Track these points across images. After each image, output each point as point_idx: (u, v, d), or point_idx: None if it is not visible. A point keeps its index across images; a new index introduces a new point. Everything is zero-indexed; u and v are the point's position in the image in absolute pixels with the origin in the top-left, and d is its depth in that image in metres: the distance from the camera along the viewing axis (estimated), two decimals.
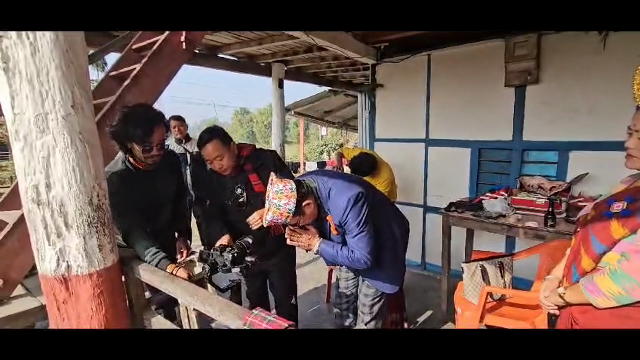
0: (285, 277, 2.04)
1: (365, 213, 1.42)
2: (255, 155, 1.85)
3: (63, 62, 1.16)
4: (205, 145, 1.71)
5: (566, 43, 2.51)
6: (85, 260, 1.27)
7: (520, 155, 2.83)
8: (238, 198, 1.79)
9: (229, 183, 1.81)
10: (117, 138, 1.59)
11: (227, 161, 1.73)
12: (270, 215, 1.35)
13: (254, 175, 1.80)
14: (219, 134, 1.74)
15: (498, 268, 2.08)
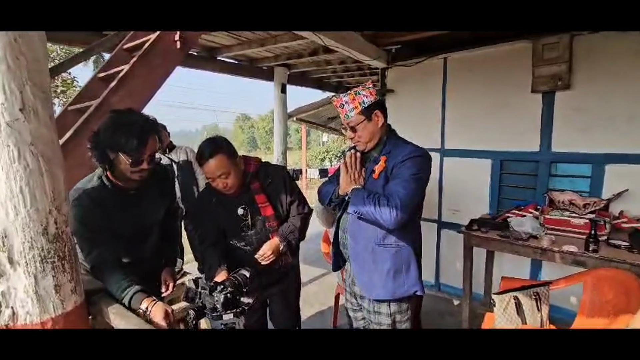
0: (289, 307, 1.78)
1: (422, 173, 1.35)
2: (263, 172, 1.59)
3: (9, 54, 0.91)
4: (208, 161, 1.42)
5: (603, 44, 2.26)
6: (36, 305, 1.00)
7: (548, 168, 2.56)
8: (240, 221, 1.53)
9: (230, 202, 1.54)
10: (99, 147, 1.28)
11: (232, 179, 1.46)
12: (346, 97, 1.37)
13: (261, 195, 1.54)
14: (223, 147, 1.45)
15: (534, 300, 1.80)
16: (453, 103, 2.97)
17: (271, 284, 1.64)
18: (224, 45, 3.57)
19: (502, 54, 2.64)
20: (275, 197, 1.56)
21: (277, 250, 1.51)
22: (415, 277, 1.44)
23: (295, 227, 1.56)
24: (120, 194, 1.35)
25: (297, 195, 1.63)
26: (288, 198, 1.59)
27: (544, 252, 2.01)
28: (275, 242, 1.51)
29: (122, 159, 1.26)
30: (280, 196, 1.57)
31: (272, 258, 1.49)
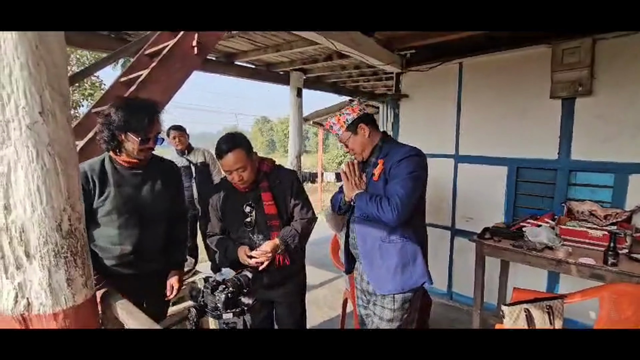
0: (294, 312, 1.79)
1: (418, 171, 1.40)
2: (275, 173, 1.67)
3: (30, 60, 0.96)
4: (227, 155, 1.51)
5: (628, 48, 2.18)
6: (49, 297, 1.05)
7: (566, 177, 2.47)
8: (245, 217, 1.60)
9: (238, 199, 1.62)
10: (109, 128, 1.40)
11: (248, 174, 1.55)
12: (333, 119, 1.53)
13: (267, 194, 1.61)
14: (242, 143, 1.55)
15: (546, 313, 1.74)
16: (468, 109, 2.92)
17: (274, 286, 1.67)
18: (241, 51, 3.65)
19: (519, 59, 2.58)
20: (280, 198, 1.62)
21: (276, 250, 1.54)
22: (423, 269, 1.51)
23: (296, 232, 1.59)
24: (123, 170, 1.47)
25: (303, 200, 1.67)
26: (293, 201, 1.64)
27: (559, 264, 1.94)
28: (275, 242, 1.55)
29: (130, 138, 1.39)
30: (285, 198, 1.64)
31: (270, 257, 1.53)
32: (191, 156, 3.19)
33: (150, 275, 1.57)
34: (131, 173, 1.50)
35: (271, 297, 1.73)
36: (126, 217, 1.46)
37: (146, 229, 1.52)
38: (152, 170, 1.54)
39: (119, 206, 1.45)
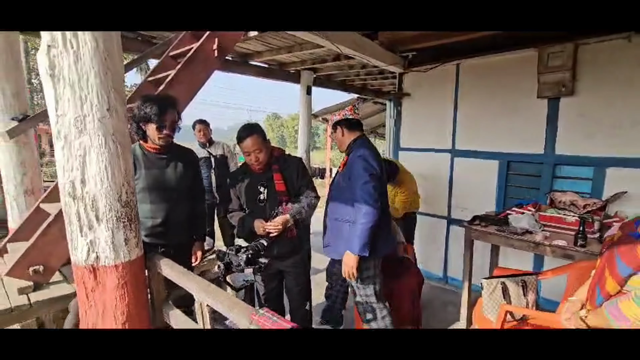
0: (300, 281, 2.08)
1: (364, 165, 1.81)
2: (284, 158, 1.99)
3: (101, 69, 1.27)
4: (246, 139, 1.85)
5: (606, 53, 2.38)
6: (112, 252, 1.36)
7: (551, 170, 2.69)
8: (258, 194, 1.92)
9: (254, 180, 1.94)
10: (135, 121, 1.76)
11: (263, 155, 1.87)
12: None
13: (278, 174, 1.92)
14: (258, 130, 1.90)
15: (521, 287, 1.99)
16: (464, 106, 3.15)
17: (282, 257, 1.96)
18: (256, 52, 3.93)
19: (510, 61, 2.80)
20: (289, 178, 1.93)
21: (286, 223, 1.82)
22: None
23: (301, 207, 1.87)
24: (150, 155, 1.81)
25: (307, 182, 1.98)
26: (299, 182, 1.95)
27: (537, 246, 2.17)
28: (286, 217, 1.83)
29: (151, 127, 1.75)
30: (292, 178, 1.94)
31: (281, 228, 1.80)
32: (212, 148, 3.51)
33: (176, 246, 1.88)
34: (157, 157, 1.83)
35: (280, 267, 2.03)
36: (155, 194, 1.78)
37: (172, 204, 1.84)
38: (174, 155, 1.88)
39: (149, 185, 1.80)
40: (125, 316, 1.43)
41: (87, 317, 1.43)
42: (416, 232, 3.20)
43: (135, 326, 1.45)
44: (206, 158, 3.46)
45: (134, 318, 1.44)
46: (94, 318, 1.43)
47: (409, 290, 2.32)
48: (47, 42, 1.21)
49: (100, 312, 1.41)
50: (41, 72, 1.26)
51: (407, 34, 2.98)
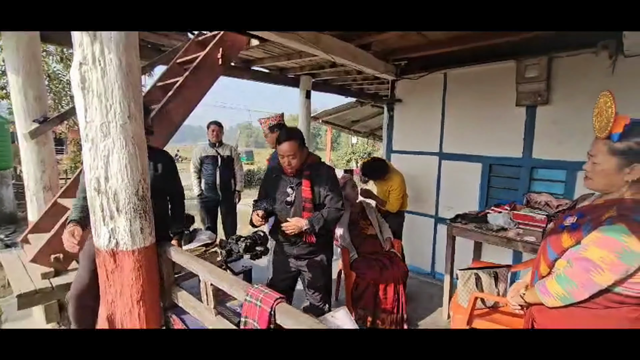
0: (316, 283, 2.13)
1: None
2: (317, 166, 2.04)
3: (124, 83, 1.49)
4: (284, 143, 1.91)
5: (577, 66, 2.60)
6: (130, 239, 1.59)
7: (529, 173, 2.91)
8: (286, 196, 2.01)
9: (283, 182, 2.04)
10: None
11: (296, 161, 1.93)
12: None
13: (307, 181, 1.98)
14: (297, 137, 1.95)
15: (492, 278, 2.20)
16: (451, 112, 3.37)
17: (301, 258, 2.08)
18: (258, 58, 4.17)
19: (492, 71, 3.01)
20: (316, 186, 2.00)
21: (300, 226, 1.88)
22: None
23: (322, 216, 1.92)
24: None
25: (334, 193, 2.00)
26: (325, 191, 1.99)
27: (509, 242, 2.38)
28: (302, 220, 1.90)
29: None
30: (320, 187, 1.99)
31: (294, 230, 1.89)
32: (220, 149, 3.75)
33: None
34: None
35: (299, 267, 2.11)
36: None
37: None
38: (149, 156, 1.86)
39: None
40: (139, 295, 1.65)
41: (106, 294, 1.66)
42: (406, 230, 3.42)
43: (147, 304, 1.67)
44: (213, 157, 3.69)
45: (147, 296, 1.66)
46: (112, 296, 1.65)
47: (394, 280, 2.53)
48: (79, 60, 1.44)
49: (119, 290, 1.64)
50: (73, 85, 1.49)
51: (399, 45, 3.20)
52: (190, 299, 1.72)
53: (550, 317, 1.22)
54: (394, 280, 2.52)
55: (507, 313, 2.07)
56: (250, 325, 1.19)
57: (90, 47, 1.42)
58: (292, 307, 1.17)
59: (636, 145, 1.10)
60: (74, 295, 1.89)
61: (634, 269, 1.05)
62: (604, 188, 1.21)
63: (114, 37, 1.44)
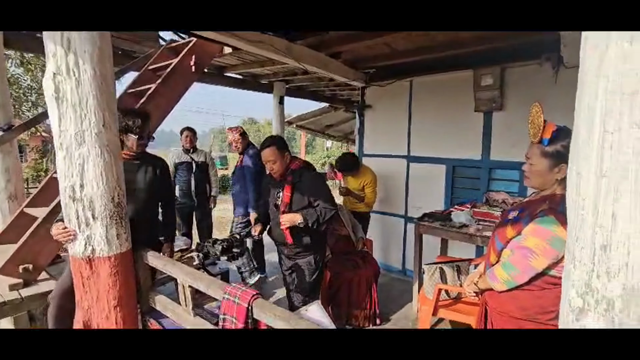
0: (303, 281, 2.21)
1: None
2: (299, 172, 2.11)
3: (98, 93, 1.53)
4: (264, 149, 2.05)
5: (525, 76, 2.86)
6: (106, 245, 1.62)
7: (488, 173, 3.15)
8: (276, 200, 2.14)
9: (274, 185, 2.18)
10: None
11: (278, 166, 2.05)
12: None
13: (288, 186, 2.06)
14: (277, 143, 2.07)
15: (455, 271, 2.38)
16: (417, 118, 3.58)
17: (291, 258, 2.21)
18: (231, 65, 4.21)
19: (453, 79, 3.24)
20: (298, 191, 2.07)
21: (293, 221, 1.97)
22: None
23: (315, 213, 1.99)
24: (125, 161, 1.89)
25: (324, 196, 2.07)
26: (314, 198, 2.05)
27: (470, 237, 2.58)
28: (297, 215, 1.98)
29: (131, 137, 1.95)
30: (303, 192, 2.05)
31: (287, 224, 1.99)
32: (194, 155, 3.75)
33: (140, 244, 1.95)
34: (130, 163, 1.98)
35: (290, 266, 2.23)
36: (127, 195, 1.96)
37: (139, 205, 1.97)
38: (146, 162, 2.05)
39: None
40: (116, 300, 1.67)
41: (82, 301, 1.67)
42: (378, 229, 3.58)
43: (124, 309, 1.70)
44: (188, 163, 3.69)
45: (124, 301, 1.69)
46: (89, 302, 1.66)
47: (366, 277, 2.66)
48: (53, 70, 1.47)
49: (95, 297, 1.66)
50: (47, 94, 1.51)
51: (367, 54, 3.37)
52: (169, 301, 1.76)
53: (499, 300, 1.39)
54: (367, 279, 2.65)
55: (468, 303, 2.25)
56: (229, 321, 1.26)
57: (65, 58, 1.46)
58: (268, 302, 1.26)
59: (562, 148, 1.29)
60: (57, 295, 1.92)
61: (562, 253, 1.23)
62: (539, 185, 1.39)
63: (88, 49, 1.48)
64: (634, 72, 0.41)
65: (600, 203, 0.45)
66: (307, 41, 2.89)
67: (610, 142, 0.44)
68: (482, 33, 2.62)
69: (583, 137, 0.50)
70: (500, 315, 1.39)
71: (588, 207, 0.47)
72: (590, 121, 0.47)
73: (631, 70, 0.41)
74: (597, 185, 0.45)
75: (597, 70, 0.45)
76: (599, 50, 0.44)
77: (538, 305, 1.30)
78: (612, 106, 0.43)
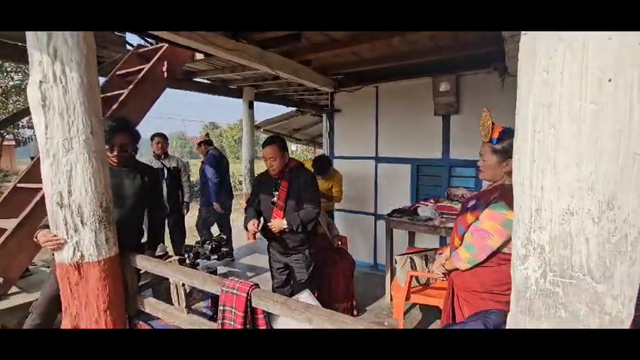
0: (301, 276, 2.33)
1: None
2: (297, 170, 2.29)
3: (86, 100, 1.57)
4: (266, 147, 2.19)
5: (477, 83, 3.21)
6: (95, 250, 1.64)
7: (448, 171, 3.46)
8: (272, 197, 2.27)
9: (270, 184, 2.29)
10: None
11: (277, 164, 2.18)
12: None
13: (285, 183, 2.23)
14: (278, 142, 2.23)
15: (423, 260, 2.62)
16: (383, 121, 3.84)
17: (285, 254, 2.33)
18: (200, 70, 4.23)
19: (414, 86, 3.54)
20: (294, 187, 2.21)
21: (280, 227, 2.16)
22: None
23: (298, 217, 2.15)
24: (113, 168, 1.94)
25: (311, 196, 2.23)
26: (301, 194, 2.21)
27: (435, 229, 2.85)
28: (282, 221, 2.17)
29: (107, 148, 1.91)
30: (299, 188, 2.22)
31: (276, 230, 2.18)
32: (166, 161, 3.71)
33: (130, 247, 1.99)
34: (118, 169, 1.99)
35: (287, 262, 2.35)
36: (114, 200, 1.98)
37: (125, 210, 1.99)
38: (134, 169, 2.06)
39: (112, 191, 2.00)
40: (106, 304, 1.70)
41: (70, 308, 1.67)
42: (350, 227, 3.78)
43: (114, 312, 1.73)
44: (159, 169, 3.65)
45: (113, 305, 1.72)
46: (77, 309, 1.67)
47: (343, 272, 2.84)
48: (39, 78, 1.49)
49: (84, 302, 1.67)
50: (32, 102, 1.52)
51: (335, 62, 3.56)
52: (159, 303, 1.81)
53: (463, 278, 1.61)
54: (344, 273, 2.83)
55: (436, 287, 2.50)
56: (228, 311, 1.37)
57: (51, 66, 1.48)
58: (265, 291, 1.37)
59: (508, 145, 1.54)
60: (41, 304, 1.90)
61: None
62: (491, 178, 1.64)
63: (76, 57, 1.52)
64: (549, 92, 0.61)
65: (534, 180, 0.65)
66: (279, 49, 3.03)
67: (537, 138, 0.64)
68: (438, 43, 2.92)
69: (521, 135, 0.69)
70: (465, 291, 1.62)
71: (526, 183, 0.66)
72: (525, 124, 0.67)
73: (547, 91, 0.61)
74: (531, 168, 0.65)
75: (527, 89, 0.65)
76: (527, 76, 0.65)
77: (495, 279, 1.54)
78: (537, 114, 0.63)
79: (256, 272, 4.05)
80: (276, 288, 2.45)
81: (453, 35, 2.73)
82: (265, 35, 2.74)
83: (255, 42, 2.80)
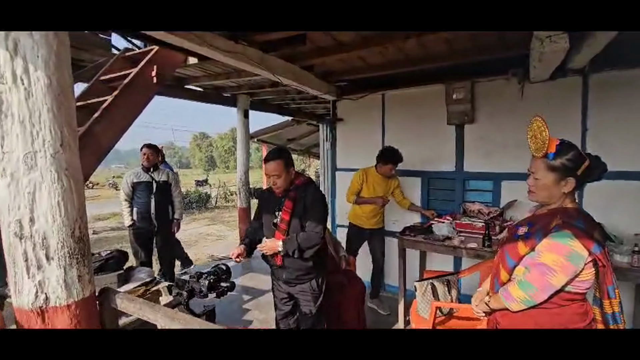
0: (305, 310, 2.06)
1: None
2: (304, 188, 1.99)
3: (55, 105, 1.27)
4: (270, 162, 1.92)
5: (494, 90, 3.01)
6: (64, 291, 1.32)
7: (462, 184, 3.23)
8: (274, 217, 1.97)
9: (273, 203, 2.01)
10: None
11: (281, 181, 1.92)
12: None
13: (290, 202, 1.95)
14: (283, 157, 1.94)
15: (445, 285, 2.35)
16: (390, 131, 3.60)
17: (289, 283, 2.01)
18: (192, 77, 3.95)
19: (425, 93, 3.32)
20: (299, 208, 1.94)
21: (274, 248, 1.88)
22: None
23: (296, 241, 1.86)
24: None
25: (315, 217, 1.92)
26: (306, 215, 1.92)
27: (455, 249, 2.59)
28: (277, 242, 1.88)
29: None
30: (301, 210, 1.94)
31: (269, 252, 1.91)
32: (155, 174, 3.39)
33: None
34: None
35: (291, 292, 2.06)
36: None
37: None
38: None
39: None
40: None
41: None
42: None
43: None
44: (147, 183, 3.33)
45: None
46: None
47: (353, 299, 2.54)
48: None
49: None
50: None
51: (339, 67, 3.33)
52: None
53: (512, 319, 1.34)
54: (354, 299, 2.53)
55: (462, 318, 2.22)
56: None
57: (10, 63, 1.19)
58: None
59: (567, 162, 1.29)
60: None
61: (580, 268, 1.21)
62: (544, 199, 1.38)
63: (42, 53, 1.23)
64: None
65: None
66: (281, 52, 2.77)
67: None
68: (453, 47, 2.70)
69: None
70: None
71: None
72: None
73: None
74: None
75: None
76: None
77: (555, 323, 1.27)
78: None
79: (253, 295, 3.73)
80: (280, 320, 2.15)
81: (471, 38, 2.52)
82: (268, 37, 2.49)
83: (256, 44, 2.55)
